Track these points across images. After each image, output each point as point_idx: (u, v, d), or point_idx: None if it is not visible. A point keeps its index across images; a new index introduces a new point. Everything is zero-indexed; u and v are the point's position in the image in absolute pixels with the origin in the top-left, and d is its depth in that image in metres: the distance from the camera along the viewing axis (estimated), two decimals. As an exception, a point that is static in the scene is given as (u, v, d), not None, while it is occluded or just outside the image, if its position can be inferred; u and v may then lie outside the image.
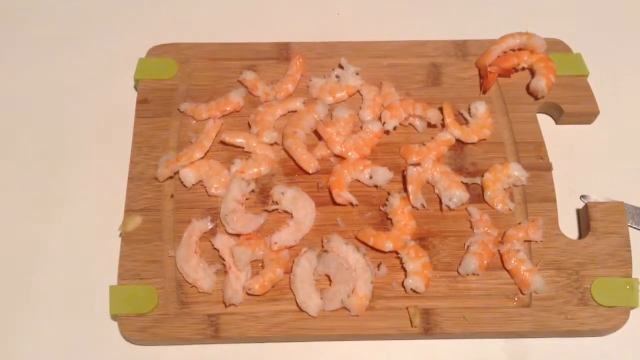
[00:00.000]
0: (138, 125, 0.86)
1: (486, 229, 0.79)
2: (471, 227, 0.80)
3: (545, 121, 0.90)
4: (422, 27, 0.99)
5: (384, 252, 0.78)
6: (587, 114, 0.90)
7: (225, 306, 0.75)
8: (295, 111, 0.87)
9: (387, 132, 0.86)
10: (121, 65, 0.92)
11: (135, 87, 0.91)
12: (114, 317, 0.75)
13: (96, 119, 0.90)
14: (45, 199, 0.84)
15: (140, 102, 0.88)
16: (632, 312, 0.76)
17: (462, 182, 0.82)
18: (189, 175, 0.81)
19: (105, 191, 0.84)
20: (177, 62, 0.91)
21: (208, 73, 0.91)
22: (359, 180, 0.83)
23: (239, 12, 1.02)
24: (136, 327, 0.74)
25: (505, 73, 0.90)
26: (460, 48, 0.93)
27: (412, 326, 0.74)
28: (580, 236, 0.82)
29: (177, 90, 0.89)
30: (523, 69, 0.91)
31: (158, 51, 0.92)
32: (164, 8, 1.02)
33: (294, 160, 0.83)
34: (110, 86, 0.93)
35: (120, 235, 0.79)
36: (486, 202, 0.82)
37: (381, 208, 0.81)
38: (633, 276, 0.77)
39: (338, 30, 0.97)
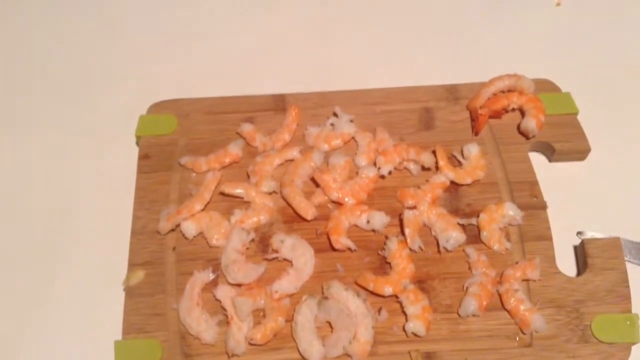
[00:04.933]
0: (140, 180, 0.88)
1: (484, 269, 0.80)
2: (469, 268, 0.81)
3: (538, 160, 0.92)
4: (413, 73, 1.02)
5: (384, 296, 0.79)
6: (579, 151, 0.91)
7: (229, 357, 0.76)
8: (292, 160, 0.89)
9: (382, 176, 0.87)
10: (122, 123, 0.95)
11: (137, 143, 0.94)
12: (121, 370, 0.76)
13: (99, 177, 0.93)
14: (49, 255, 0.86)
15: (142, 157, 0.90)
16: (634, 347, 0.75)
17: (458, 223, 0.83)
18: (190, 227, 0.83)
19: (108, 246, 0.86)
20: (177, 117, 0.94)
21: (207, 126, 0.93)
22: (356, 225, 0.84)
23: (235, 66, 1.05)
24: (143, 381, 0.75)
25: (496, 114, 0.92)
26: (451, 92, 0.96)
27: (414, 370, 0.75)
28: (579, 273, 0.83)
29: (177, 144, 0.92)
30: (513, 109, 0.93)
31: (158, 108, 0.95)
32: (162, 66, 1.05)
33: (292, 208, 0.85)
34: (113, 143, 0.95)
35: (125, 289, 0.81)
36: (483, 243, 0.83)
37: (380, 252, 0.82)
38: (633, 312, 0.77)
39: (332, 79, 1.00)
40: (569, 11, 1.11)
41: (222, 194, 0.86)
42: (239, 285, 0.79)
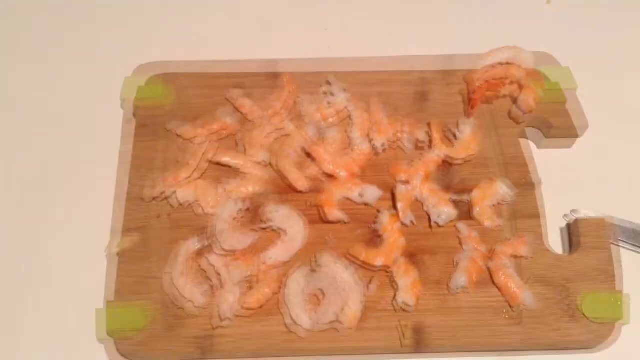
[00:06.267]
0: (125, 145, 0.86)
1: (475, 245, 0.80)
2: (460, 243, 0.80)
3: (531, 139, 0.91)
4: (409, 43, 1.00)
5: (374, 269, 0.78)
6: (576, 128, 0.90)
7: (220, 320, 0.75)
8: (284, 130, 0.87)
9: (376, 151, 0.86)
10: (107, 85, 0.92)
11: (122, 107, 0.90)
12: (102, 339, 0.75)
13: (83, 140, 0.90)
14: (32, 221, 0.84)
15: (128, 121, 0.88)
16: (623, 327, 0.76)
17: (450, 199, 0.82)
18: (179, 195, 0.81)
19: (92, 212, 0.84)
20: (164, 80, 0.91)
21: (196, 91, 0.91)
22: (349, 199, 0.83)
23: (226, 30, 1.02)
24: (127, 347, 0.74)
25: (493, 87, 0.90)
26: (447, 62, 0.93)
27: (402, 343, 0.75)
28: (568, 252, 0.83)
29: (164, 108, 0.89)
30: (512, 82, 0.91)
31: (144, 70, 0.92)
32: (150, 27, 1.02)
33: (284, 179, 0.84)
34: (97, 106, 0.93)
35: (107, 256, 0.79)
36: (474, 219, 0.82)
37: (371, 225, 0.81)
38: (621, 290, 0.78)
39: (325, 48, 0.98)
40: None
41: (212, 162, 0.84)
42: (229, 252, 0.78)
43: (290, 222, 0.80)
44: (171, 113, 0.89)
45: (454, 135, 0.87)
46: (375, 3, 1.06)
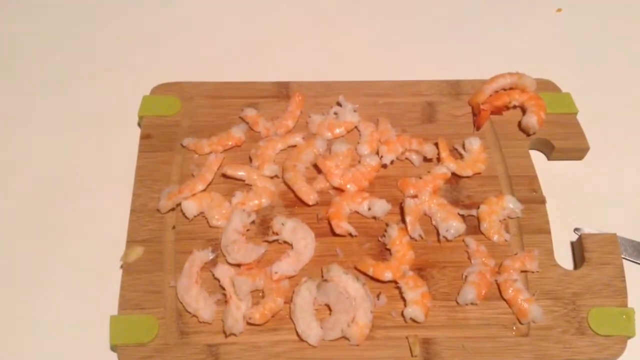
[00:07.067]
0: (141, 159, 0.88)
1: (483, 259, 0.80)
2: (468, 257, 0.81)
3: (537, 157, 0.93)
4: (416, 68, 1.03)
5: (383, 282, 0.79)
6: (577, 150, 0.92)
7: (226, 336, 0.75)
8: (295, 146, 0.89)
9: (384, 165, 0.88)
10: (126, 103, 0.95)
11: (139, 124, 0.93)
12: (114, 347, 0.75)
13: (100, 155, 0.92)
14: (48, 230, 0.85)
15: (144, 137, 0.90)
16: (629, 341, 0.76)
17: (458, 214, 0.84)
18: (190, 207, 0.83)
19: (108, 223, 0.85)
20: (180, 99, 0.94)
21: (210, 110, 0.93)
22: (357, 212, 0.84)
23: (241, 53, 1.06)
24: (136, 357, 0.73)
25: (498, 111, 0.93)
26: (454, 87, 0.97)
27: (412, 356, 0.74)
28: (576, 267, 0.83)
29: (180, 126, 0.91)
30: (515, 107, 0.94)
31: (162, 89, 0.95)
32: (168, 48, 1.06)
33: (294, 193, 0.85)
34: (116, 123, 0.95)
35: (122, 266, 0.80)
36: (482, 234, 0.83)
37: (380, 239, 0.82)
38: (629, 306, 0.78)
39: (335, 71, 1.01)
40: (569, 15, 1.14)
41: (224, 175, 0.86)
42: (238, 265, 0.79)
43: (298, 235, 0.81)
44: (186, 130, 0.91)
45: (461, 153, 0.89)
46: (383, 30, 1.11)
